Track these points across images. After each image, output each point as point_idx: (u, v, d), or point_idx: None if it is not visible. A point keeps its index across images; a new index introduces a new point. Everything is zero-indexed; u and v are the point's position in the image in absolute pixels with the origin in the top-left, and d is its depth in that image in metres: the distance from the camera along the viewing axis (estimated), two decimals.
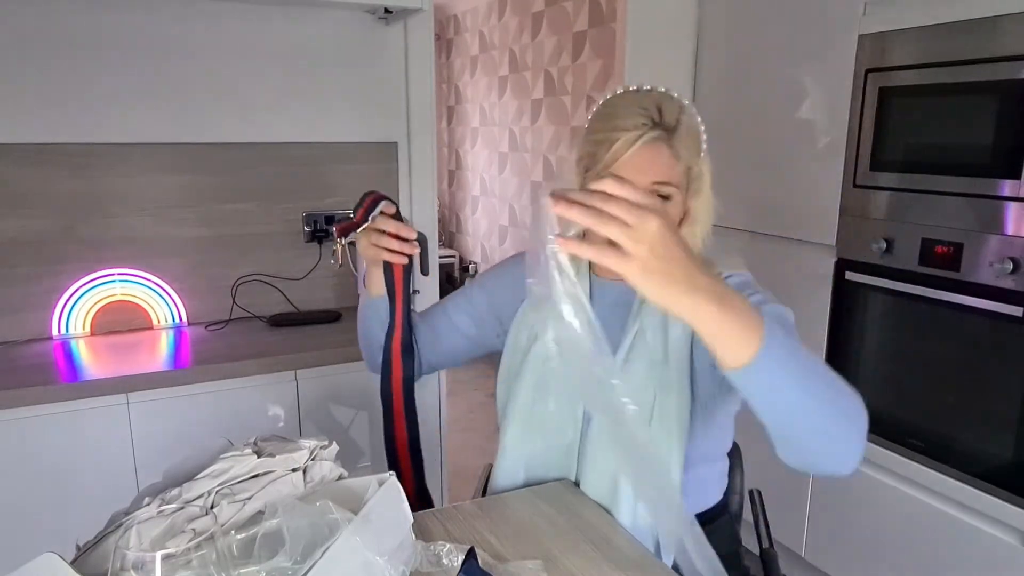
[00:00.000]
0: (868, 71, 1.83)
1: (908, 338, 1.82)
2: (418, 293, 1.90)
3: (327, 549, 0.72)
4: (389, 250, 1.08)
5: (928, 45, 1.69)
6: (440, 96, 5.23)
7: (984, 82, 1.58)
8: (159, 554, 0.66)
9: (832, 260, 1.96)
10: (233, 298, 2.12)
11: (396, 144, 2.25)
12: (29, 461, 1.59)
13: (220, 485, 0.85)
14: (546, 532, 0.98)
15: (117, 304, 1.99)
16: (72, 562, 0.77)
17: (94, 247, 1.96)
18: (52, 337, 1.95)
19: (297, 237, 2.19)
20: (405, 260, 1.11)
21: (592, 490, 1.07)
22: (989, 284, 1.59)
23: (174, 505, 0.80)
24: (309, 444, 0.93)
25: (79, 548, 0.81)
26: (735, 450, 1.25)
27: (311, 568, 0.71)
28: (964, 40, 1.61)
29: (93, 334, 1.98)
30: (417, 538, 0.90)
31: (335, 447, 0.96)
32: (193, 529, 0.76)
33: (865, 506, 1.93)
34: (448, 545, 0.89)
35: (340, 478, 0.92)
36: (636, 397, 1.01)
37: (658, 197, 0.98)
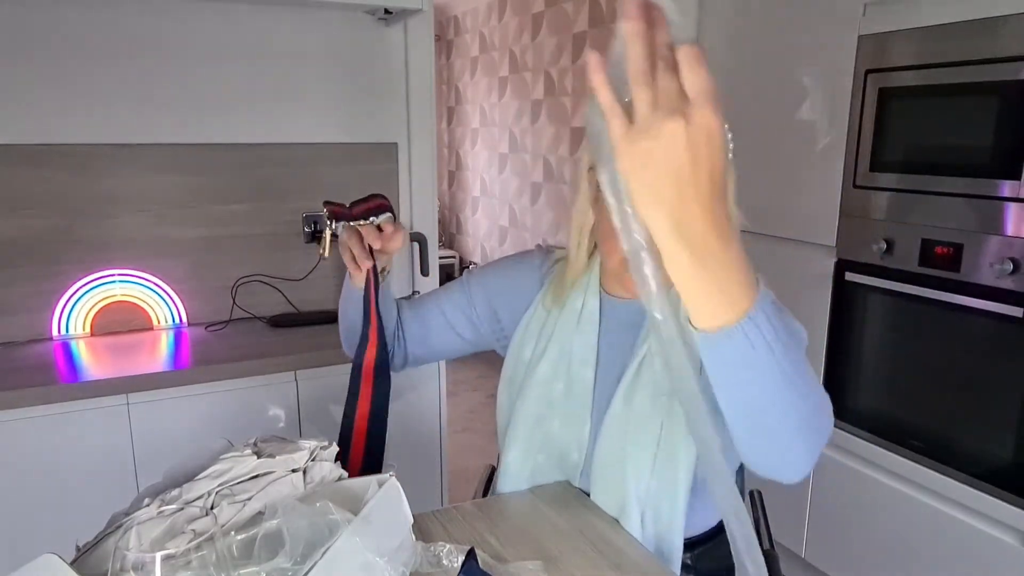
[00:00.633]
0: (868, 72, 1.83)
1: (908, 339, 1.82)
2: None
3: (327, 550, 0.72)
4: (353, 259, 1.04)
5: (928, 46, 1.69)
6: (440, 97, 5.23)
7: (984, 83, 1.58)
8: (159, 555, 0.66)
9: (832, 261, 1.96)
10: (233, 299, 2.12)
11: (396, 145, 2.26)
12: (29, 462, 1.59)
13: (220, 486, 0.85)
14: (546, 533, 0.98)
15: (117, 305, 1.99)
16: (72, 563, 0.77)
17: (94, 248, 1.96)
18: (52, 338, 1.95)
19: (297, 238, 2.19)
20: (361, 271, 1.06)
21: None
22: (989, 285, 1.59)
23: (174, 506, 0.80)
24: (309, 445, 0.93)
25: (79, 549, 0.81)
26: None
27: (311, 569, 0.71)
28: (964, 41, 1.62)
29: (93, 335, 1.98)
30: (417, 539, 0.90)
31: (335, 448, 0.96)
32: (193, 530, 0.76)
33: (865, 507, 1.93)
34: (448, 546, 0.89)
35: (340, 479, 0.92)
36: (641, 428, 1.00)
37: None
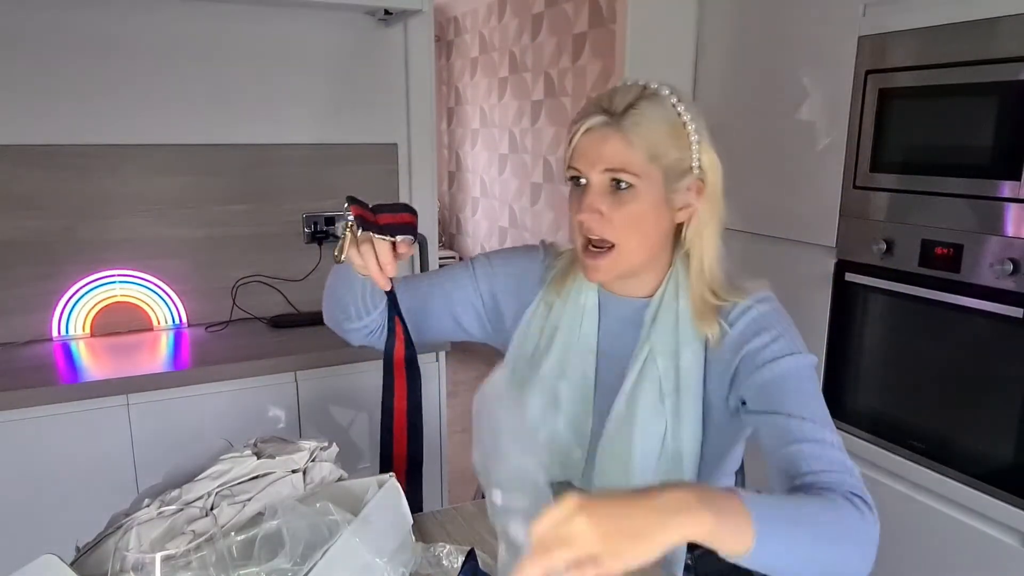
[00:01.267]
0: (868, 72, 1.83)
1: (908, 339, 1.82)
2: None
3: (327, 550, 0.72)
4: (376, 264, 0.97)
5: (928, 46, 1.69)
6: (440, 98, 5.23)
7: (984, 83, 1.58)
8: (159, 555, 0.66)
9: (832, 261, 1.96)
10: (233, 299, 2.12)
11: (396, 145, 2.26)
12: (29, 462, 1.59)
13: (220, 486, 0.85)
14: None
15: (117, 305, 1.99)
16: (72, 563, 0.77)
17: (94, 248, 1.96)
18: (52, 338, 1.94)
19: (297, 238, 2.19)
20: (385, 282, 0.99)
21: None
22: (989, 285, 1.59)
23: (174, 506, 0.80)
24: (309, 445, 0.93)
25: (79, 549, 0.81)
26: None
27: (311, 569, 0.71)
28: (964, 41, 1.62)
29: (93, 335, 1.98)
30: (417, 539, 0.90)
31: (335, 448, 0.96)
32: (193, 530, 0.76)
33: None
34: (448, 546, 0.89)
35: (340, 479, 0.92)
36: (646, 429, 0.99)
37: (614, 184, 0.96)
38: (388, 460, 1.08)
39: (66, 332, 1.95)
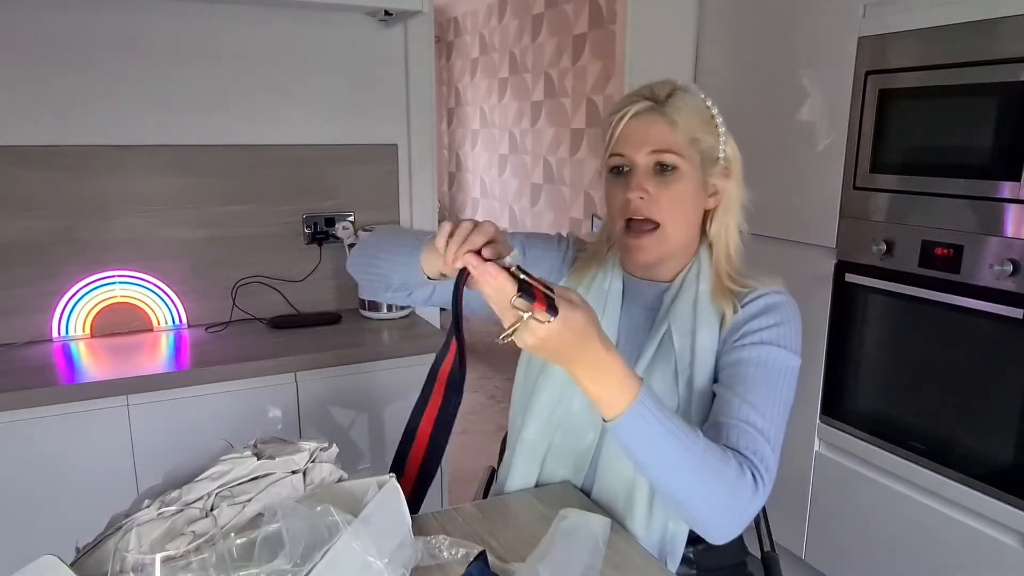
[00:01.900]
0: (868, 73, 1.83)
1: (908, 340, 1.82)
2: None
3: (327, 551, 0.72)
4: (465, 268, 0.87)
5: (928, 47, 1.69)
6: (440, 98, 5.24)
7: (984, 84, 1.58)
8: (159, 556, 0.66)
9: (832, 262, 1.96)
10: (233, 300, 2.12)
11: (396, 146, 2.26)
12: (29, 463, 1.59)
13: (220, 487, 0.85)
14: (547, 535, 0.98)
15: (117, 306, 1.99)
16: (72, 564, 0.77)
17: (94, 249, 1.96)
18: (52, 339, 1.94)
19: (297, 239, 2.19)
20: (448, 261, 0.87)
21: (607, 494, 1.05)
22: (989, 286, 1.59)
23: (174, 507, 0.80)
24: (309, 446, 0.93)
25: (79, 550, 0.81)
26: None
27: (311, 570, 0.71)
28: (964, 42, 1.62)
29: (93, 336, 1.98)
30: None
31: (335, 449, 0.96)
32: (193, 531, 0.76)
33: (865, 508, 1.93)
34: (449, 539, 0.89)
35: (340, 480, 0.92)
36: None
37: (658, 168, 1.01)
38: (401, 464, 1.04)
39: (66, 333, 1.95)
